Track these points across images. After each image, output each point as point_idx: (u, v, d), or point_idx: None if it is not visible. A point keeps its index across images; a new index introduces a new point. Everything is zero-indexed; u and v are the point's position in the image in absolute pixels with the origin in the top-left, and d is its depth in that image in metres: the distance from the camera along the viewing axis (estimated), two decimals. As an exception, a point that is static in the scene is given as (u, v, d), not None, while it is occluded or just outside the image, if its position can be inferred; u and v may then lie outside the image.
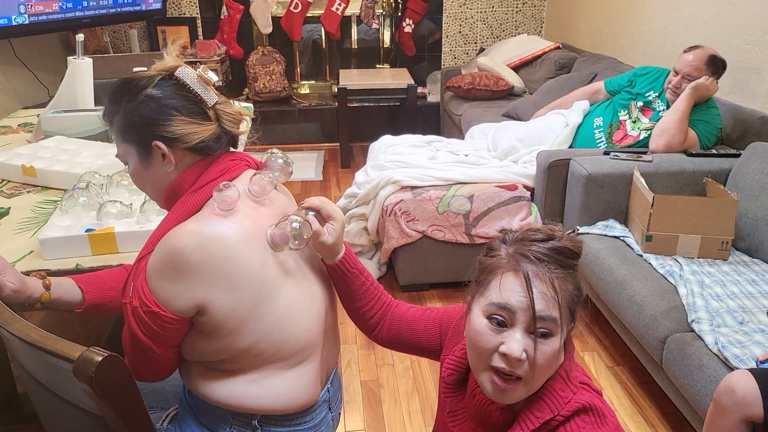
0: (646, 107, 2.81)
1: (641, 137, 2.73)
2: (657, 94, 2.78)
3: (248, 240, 1.07)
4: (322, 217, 1.15)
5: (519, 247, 0.92)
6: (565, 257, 0.91)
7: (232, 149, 1.19)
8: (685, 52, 2.63)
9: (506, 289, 0.89)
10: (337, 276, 1.21)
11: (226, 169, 1.12)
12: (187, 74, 1.09)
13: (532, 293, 0.87)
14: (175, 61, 1.11)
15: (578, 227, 2.47)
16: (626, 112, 2.87)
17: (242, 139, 1.36)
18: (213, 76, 1.12)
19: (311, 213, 1.13)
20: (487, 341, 0.90)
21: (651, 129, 2.68)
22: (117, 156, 1.16)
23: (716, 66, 2.56)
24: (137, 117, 1.08)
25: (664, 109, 2.71)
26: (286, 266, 1.13)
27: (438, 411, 1.15)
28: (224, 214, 1.06)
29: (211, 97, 1.11)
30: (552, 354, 0.89)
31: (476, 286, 0.95)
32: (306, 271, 1.20)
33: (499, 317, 0.89)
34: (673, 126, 2.55)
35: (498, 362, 0.89)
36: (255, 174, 1.13)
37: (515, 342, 0.87)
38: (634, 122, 2.81)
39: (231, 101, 1.18)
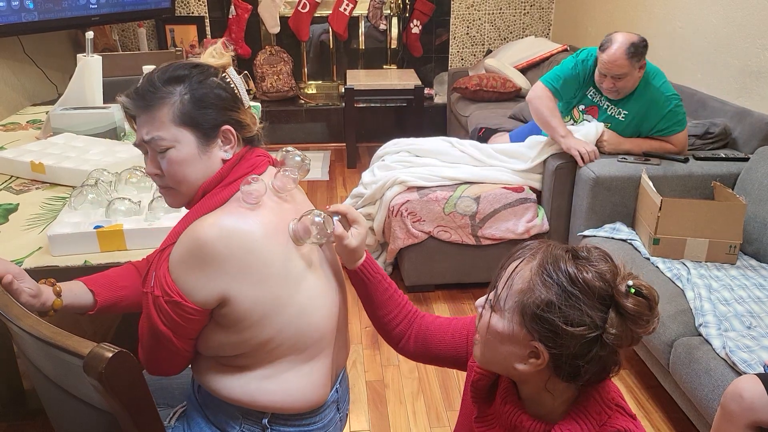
0: (591, 107, 2.69)
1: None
2: (596, 90, 2.66)
3: (272, 234, 1.09)
4: (348, 222, 1.18)
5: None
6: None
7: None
8: (600, 50, 2.49)
9: None
10: (359, 282, 1.21)
11: (255, 165, 1.16)
12: (236, 75, 1.17)
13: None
14: (228, 60, 1.17)
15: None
16: (569, 119, 2.75)
17: None
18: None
19: (337, 217, 1.17)
20: None
21: (609, 127, 2.62)
22: (153, 139, 1.09)
23: (639, 54, 2.43)
24: (213, 100, 1.11)
25: (608, 105, 2.62)
26: (309, 259, 1.15)
27: (461, 414, 1.14)
28: (250, 207, 1.09)
29: (247, 100, 1.19)
30: None
31: None
32: (325, 265, 1.22)
33: None
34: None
35: None
36: (278, 171, 1.17)
37: None
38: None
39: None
